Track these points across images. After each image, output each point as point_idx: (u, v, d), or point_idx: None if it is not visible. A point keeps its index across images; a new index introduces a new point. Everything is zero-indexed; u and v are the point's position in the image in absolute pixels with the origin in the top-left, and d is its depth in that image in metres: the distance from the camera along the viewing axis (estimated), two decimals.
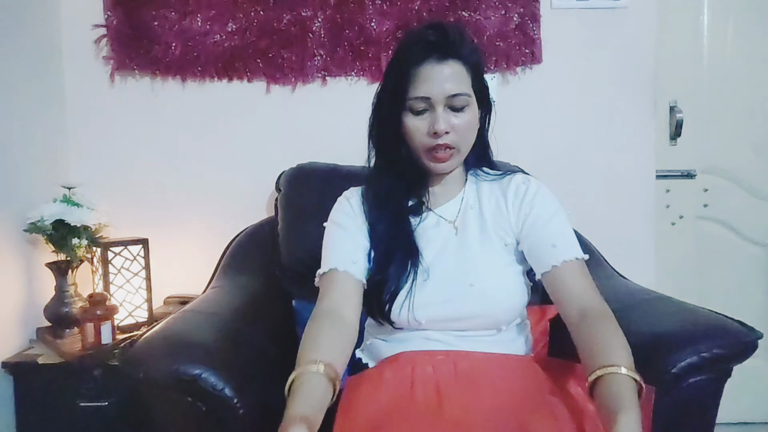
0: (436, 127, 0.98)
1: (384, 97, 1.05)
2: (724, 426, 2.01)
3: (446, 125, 0.99)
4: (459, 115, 1.00)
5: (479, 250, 1.04)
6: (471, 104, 1.02)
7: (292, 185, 1.58)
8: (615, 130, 1.82)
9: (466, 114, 1.01)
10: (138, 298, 1.62)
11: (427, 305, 1.00)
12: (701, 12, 1.99)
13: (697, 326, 1.06)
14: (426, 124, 1.00)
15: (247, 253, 1.59)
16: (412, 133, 1.02)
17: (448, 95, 0.98)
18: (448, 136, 1.00)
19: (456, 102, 0.99)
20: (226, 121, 1.81)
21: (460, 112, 1.00)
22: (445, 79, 0.99)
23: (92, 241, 1.58)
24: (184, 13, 1.73)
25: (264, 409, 1.03)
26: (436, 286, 1.02)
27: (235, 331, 1.17)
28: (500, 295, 1.02)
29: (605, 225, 1.78)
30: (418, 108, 1.00)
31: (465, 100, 1.00)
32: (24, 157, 1.61)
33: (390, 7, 1.73)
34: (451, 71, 0.99)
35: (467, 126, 1.02)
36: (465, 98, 1.00)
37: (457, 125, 1.00)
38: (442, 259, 1.04)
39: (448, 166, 1.04)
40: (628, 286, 1.39)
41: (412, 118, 1.01)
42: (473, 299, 1.00)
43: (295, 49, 1.75)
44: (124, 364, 1.01)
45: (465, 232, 1.07)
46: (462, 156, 1.05)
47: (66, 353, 1.43)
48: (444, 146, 1.00)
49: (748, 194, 2.06)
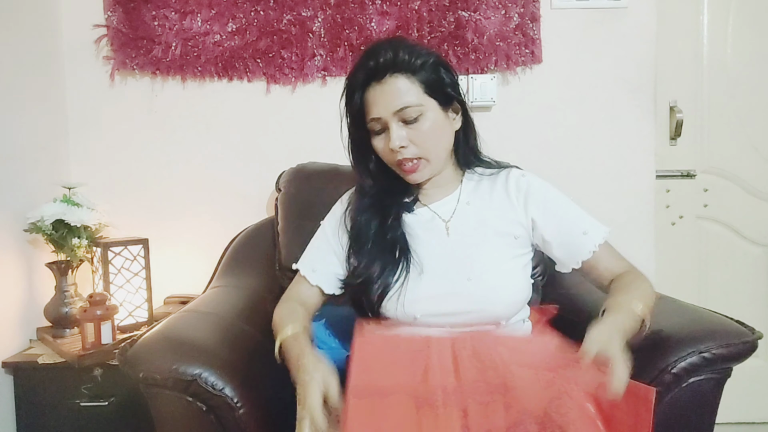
0: (391, 145, 1.01)
1: (351, 127, 1.09)
2: (724, 426, 2.01)
3: (400, 141, 1.01)
4: (414, 126, 1.01)
5: (477, 245, 1.05)
6: (426, 111, 1.02)
7: (292, 185, 1.58)
8: (615, 130, 1.82)
9: (422, 123, 1.02)
10: (138, 298, 1.62)
11: (421, 300, 1.01)
12: (701, 12, 1.99)
13: (697, 326, 1.05)
14: (386, 142, 1.03)
15: (247, 253, 1.59)
16: (379, 152, 1.06)
17: (394, 111, 1.00)
18: (406, 150, 1.02)
19: (406, 115, 1.01)
20: (226, 121, 1.81)
21: (414, 123, 1.01)
22: (387, 97, 1.01)
23: (92, 241, 1.58)
24: (184, 13, 1.73)
25: (264, 409, 1.03)
26: (431, 281, 1.02)
27: (235, 331, 1.17)
28: (500, 289, 1.02)
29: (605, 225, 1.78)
30: (376, 129, 1.04)
31: (416, 111, 1.01)
32: (24, 157, 1.61)
33: (390, 7, 1.73)
34: (391, 87, 1.01)
35: (426, 135, 1.02)
36: (415, 109, 1.01)
37: (414, 137, 1.02)
38: (438, 255, 1.05)
39: (420, 176, 1.05)
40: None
41: (376, 139, 1.05)
42: (471, 294, 1.01)
43: (295, 49, 1.75)
44: (124, 364, 1.01)
45: (460, 228, 1.07)
46: (434, 163, 1.06)
47: (66, 353, 1.43)
48: (406, 159, 1.03)
49: (748, 194, 2.06)
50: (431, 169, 1.06)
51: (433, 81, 1.03)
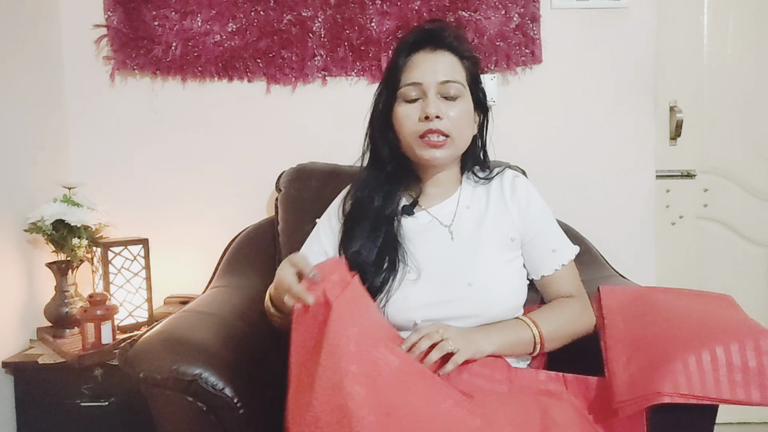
0: (428, 110, 0.97)
1: (381, 90, 1.06)
2: (724, 426, 2.02)
3: (438, 110, 0.98)
4: (451, 104, 1.00)
5: (477, 249, 1.04)
6: (464, 96, 1.01)
7: (292, 185, 1.58)
8: (615, 130, 1.82)
9: (459, 104, 1.01)
10: (138, 298, 1.62)
11: (421, 306, 1.00)
12: (701, 12, 1.99)
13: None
14: (418, 111, 1.00)
15: (247, 253, 1.59)
16: (402, 119, 1.01)
17: (440, 81, 0.99)
18: (440, 121, 0.99)
19: (448, 90, 0.99)
20: (226, 121, 1.81)
21: (452, 101, 1.00)
22: (437, 66, 0.99)
23: (92, 241, 1.58)
24: (184, 13, 1.73)
25: (264, 409, 1.03)
26: (432, 287, 1.01)
27: (235, 331, 1.17)
28: (501, 293, 1.02)
29: (605, 225, 1.78)
30: (410, 96, 1.00)
31: (458, 89, 1.00)
32: (24, 157, 1.61)
33: (390, 7, 1.73)
34: (445, 60, 1.00)
35: (460, 116, 1.01)
36: (458, 87, 1.00)
37: (449, 114, 0.99)
38: (439, 260, 1.04)
39: (442, 154, 1.02)
40: (628, 286, 1.39)
41: (405, 106, 1.01)
42: (472, 299, 1.00)
43: (295, 49, 1.75)
44: (124, 364, 1.01)
45: (461, 233, 1.06)
46: (456, 148, 1.03)
47: (66, 353, 1.43)
48: (436, 131, 0.99)
49: (748, 194, 2.06)
50: (452, 153, 1.04)
51: (475, 74, 1.05)
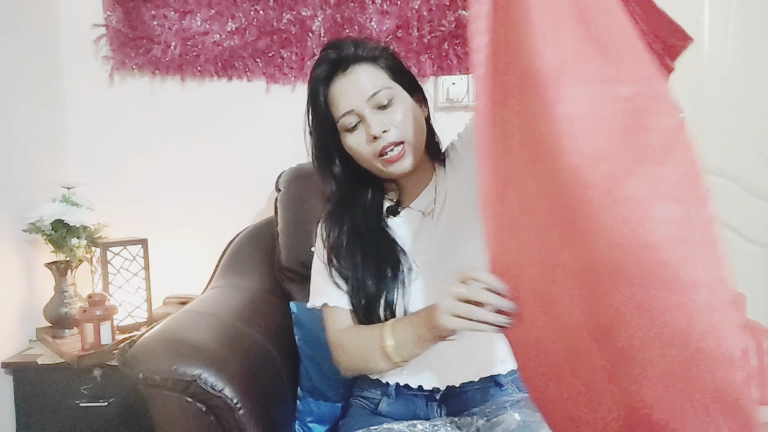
0: (373, 131, 0.96)
1: (316, 130, 1.05)
2: None
3: (381, 125, 0.97)
4: (390, 111, 0.98)
5: (456, 226, 1.03)
6: (397, 94, 1.00)
7: (292, 185, 1.58)
8: None
9: (397, 106, 0.99)
10: (137, 298, 1.62)
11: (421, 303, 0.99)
12: (701, 12, 1.99)
13: None
14: (363, 135, 0.99)
15: (246, 253, 1.59)
16: (355, 149, 1.01)
17: (368, 97, 0.97)
18: (388, 134, 0.97)
19: (380, 100, 0.98)
20: (226, 121, 1.81)
21: (389, 107, 0.98)
22: (357, 85, 0.98)
23: (91, 242, 1.58)
24: (183, 12, 1.73)
25: (263, 409, 1.03)
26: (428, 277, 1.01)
27: (234, 331, 1.17)
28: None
29: None
30: (350, 124, 0.99)
31: (388, 93, 0.98)
32: (23, 156, 1.61)
33: (390, 6, 1.73)
34: (361, 74, 0.99)
35: (404, 117, 0.99)
36: (387, 91, 0.98)
37: (393, 121, 0.98)
38: (428, 249, 1.03)
39: (407, 163, 1.00)
40: None
41: (350, 136, 1.00)
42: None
43: (295, 49, 1.75)
44: (124, 364, 1.01)
45: (441, 217, 1.05)
46: (417, 147, 1.01)
47: (66, 353, 1.43)
48: (390, 145, 0.98)
49: (748, 194, 2.05)
50: (414, 156, 1.01)
51: (395, 66, 1.03)
